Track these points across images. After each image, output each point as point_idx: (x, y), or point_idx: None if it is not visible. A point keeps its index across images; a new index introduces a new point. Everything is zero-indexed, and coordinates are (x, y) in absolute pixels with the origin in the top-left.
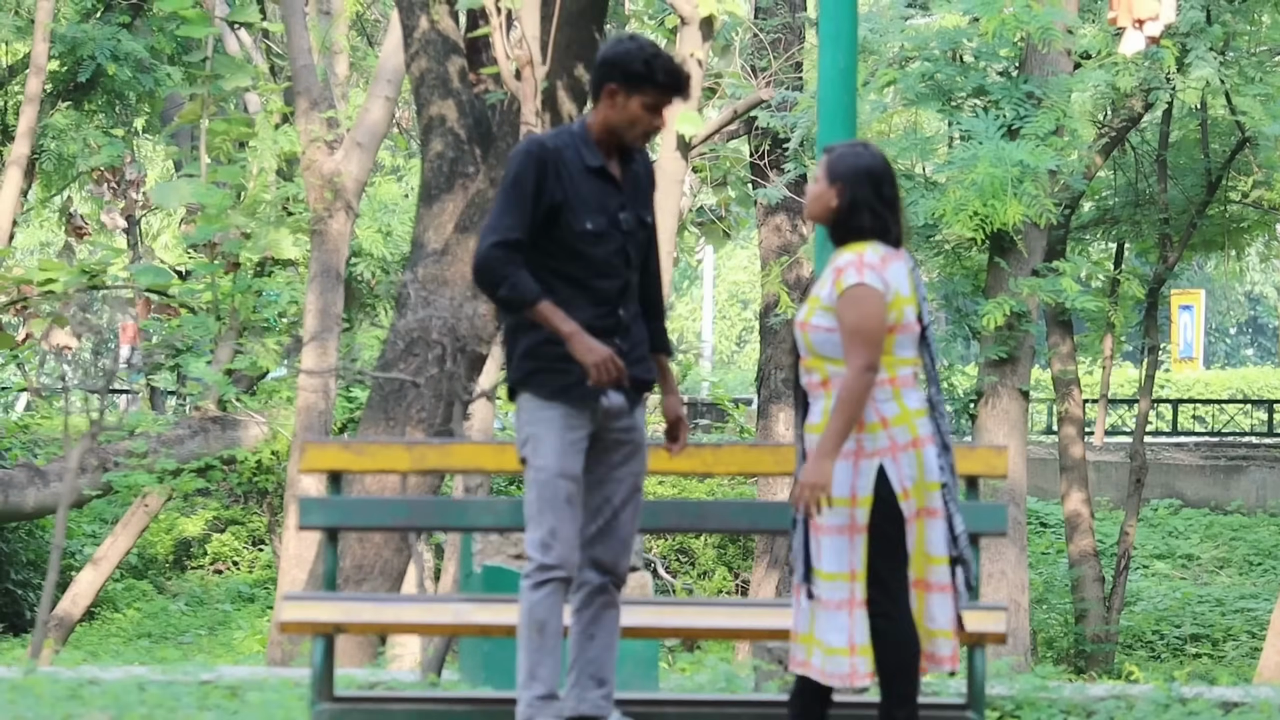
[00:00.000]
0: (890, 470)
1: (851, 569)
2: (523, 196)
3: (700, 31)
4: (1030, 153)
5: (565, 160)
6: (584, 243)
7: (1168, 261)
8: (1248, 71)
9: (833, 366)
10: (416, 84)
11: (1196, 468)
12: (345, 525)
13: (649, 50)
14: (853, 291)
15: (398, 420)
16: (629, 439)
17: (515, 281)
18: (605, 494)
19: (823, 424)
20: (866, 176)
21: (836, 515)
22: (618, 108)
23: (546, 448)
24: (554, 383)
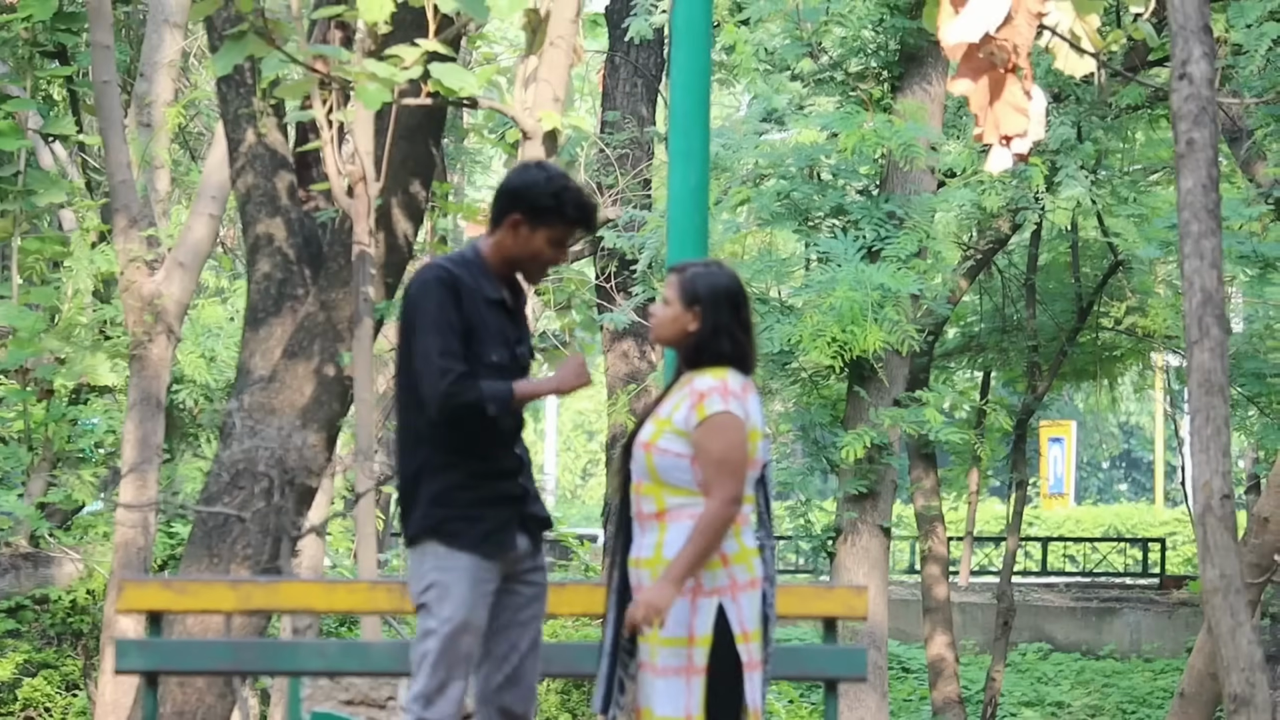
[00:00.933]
0: (730, 610)
1: (688, 714)
2: (450, 326)
3: (544, 146)
4: (891, 276)
5: (468, 289)
6: (489, 375)
7: (1036, 391)
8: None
9: (673, 496)
10: (242, 200)
11: (1067, 610)
12: (165, 669)
13: (558, 181)
14: (719, 419)
15: (222, 557)
16: (534, 580)
17: (488, 395)
18: (511, 640)
19: (655, 558)
20: (725, 299)
21: (673, 656)
22: (520, 240)
23: (455, 598)
24: (467, 532)
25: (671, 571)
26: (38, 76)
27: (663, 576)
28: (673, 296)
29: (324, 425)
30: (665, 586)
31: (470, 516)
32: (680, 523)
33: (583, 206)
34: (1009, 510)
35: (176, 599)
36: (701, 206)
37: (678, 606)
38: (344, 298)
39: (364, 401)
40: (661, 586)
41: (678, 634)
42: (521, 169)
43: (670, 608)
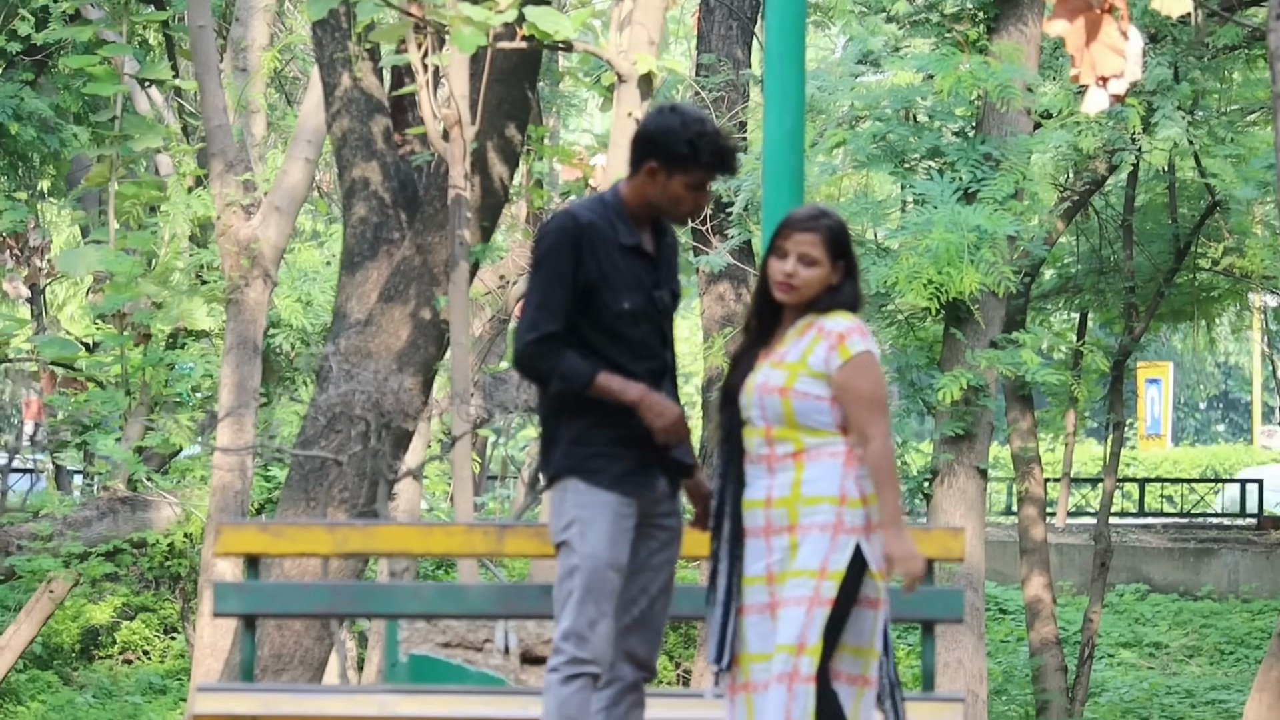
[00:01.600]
0: (865, 550)
1: (801, 642)
2: (560, 279)
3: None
4: (988, 217)
5: (601, 236)
6: (621, 323)
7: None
8: (1218, 132)
9: (810, 437)
10: (338, 145)
11: (1164, 551)
12: (263, 612)
13: (694, 127)
14: (863, 359)
15: (318, 500)
16: (669, 525)
17: (562, 371)
18: (641, 583)
19: (793, 496)
20: (851, 245)
21: (800, 586)
22: (657, 186)
23: (598, 534)
24: (608, 469)
25: (891, 520)
26: (134, 22)
27: (888, 532)
28: (820, 255)
29: (420, 369)
30: (900, 537)
31: (611, 454)
32: (819, 461)
33: (719, 151)
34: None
35: (274, 542)
36: (797, 149)
37: (817, 540)
38: (439, 241)
39: (459, 345)
40: (898, 540)
41: (810, 566)
42: (658, 114)
43: (917, 552)
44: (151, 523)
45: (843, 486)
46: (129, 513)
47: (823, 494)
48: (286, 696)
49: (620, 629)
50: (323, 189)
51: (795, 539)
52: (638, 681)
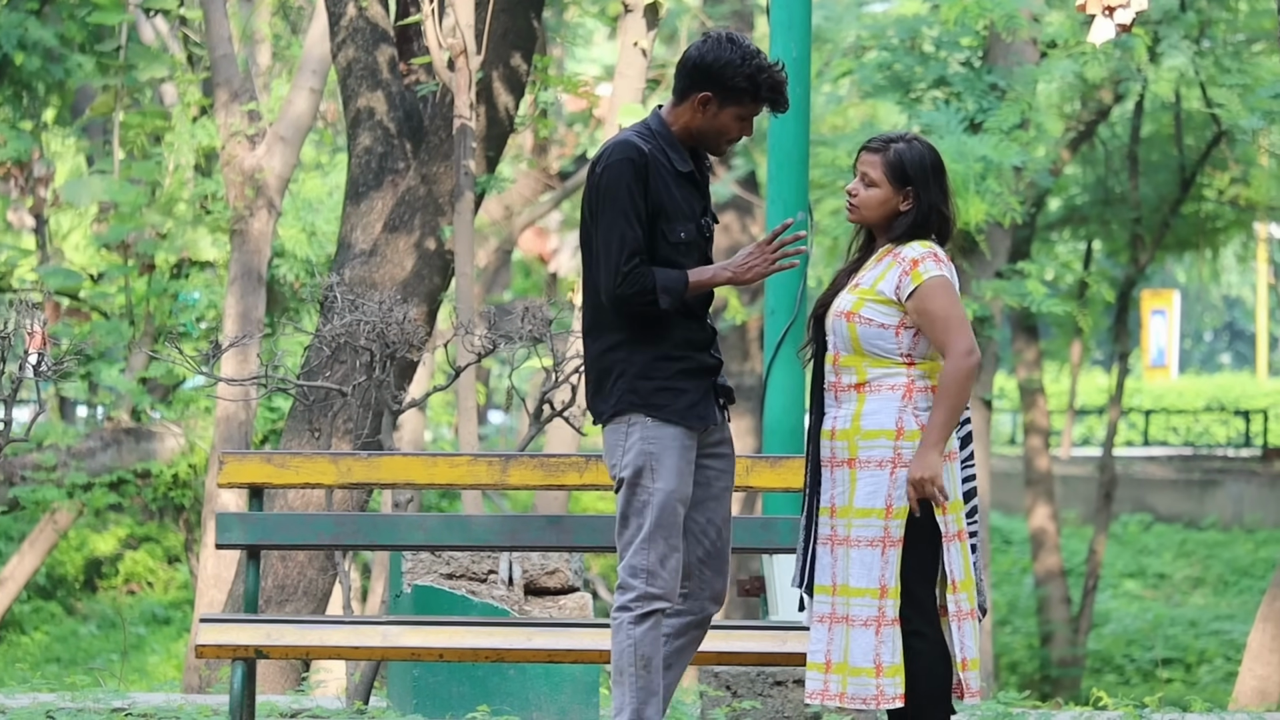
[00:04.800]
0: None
1: (882, 585)
2: (634, 212)
3: (645, 19)
4: (994, 147)
5: (658, 166)
6: (677, 253)
7: (1139, 263)
8: (1224, 62)
9: (874, 367)
10: (343, 75)
11: (1169, 481)
12: (267, 543)
13: (753, 62)
14: (935, 281)
15: (323, 431)
16: (723, 453)
17: (662, 286)
18: (707, 514)
19: (853, 429)
20: (934, 175)
21: (868, 528)
22: (708, 117)
23: (668, 469)
24: (673, 404)
25: (929, 438)
26: None
27: (921, 444)
28: (879, 177)
29: (425, 299)
30: (926, 454)
31: (676, 389)
32: (880, 394)
33: (777, 87)
34: (1111, 382)
35: (278, 473)
36: (804, 78)
37: (875, 478)
38: (445, 171)
39: (464, 275)
40: (922, 456)
41: (875, 505)
42: (715, 44)
43: (938, 473)
44: (155, 453)
45: (900, 420)
46: (133, 443)
47: (881, 428)
48: (290, 628)
49: (695, 562)
50: (328, 119)
51: (854, 474)
52: (707, 617)
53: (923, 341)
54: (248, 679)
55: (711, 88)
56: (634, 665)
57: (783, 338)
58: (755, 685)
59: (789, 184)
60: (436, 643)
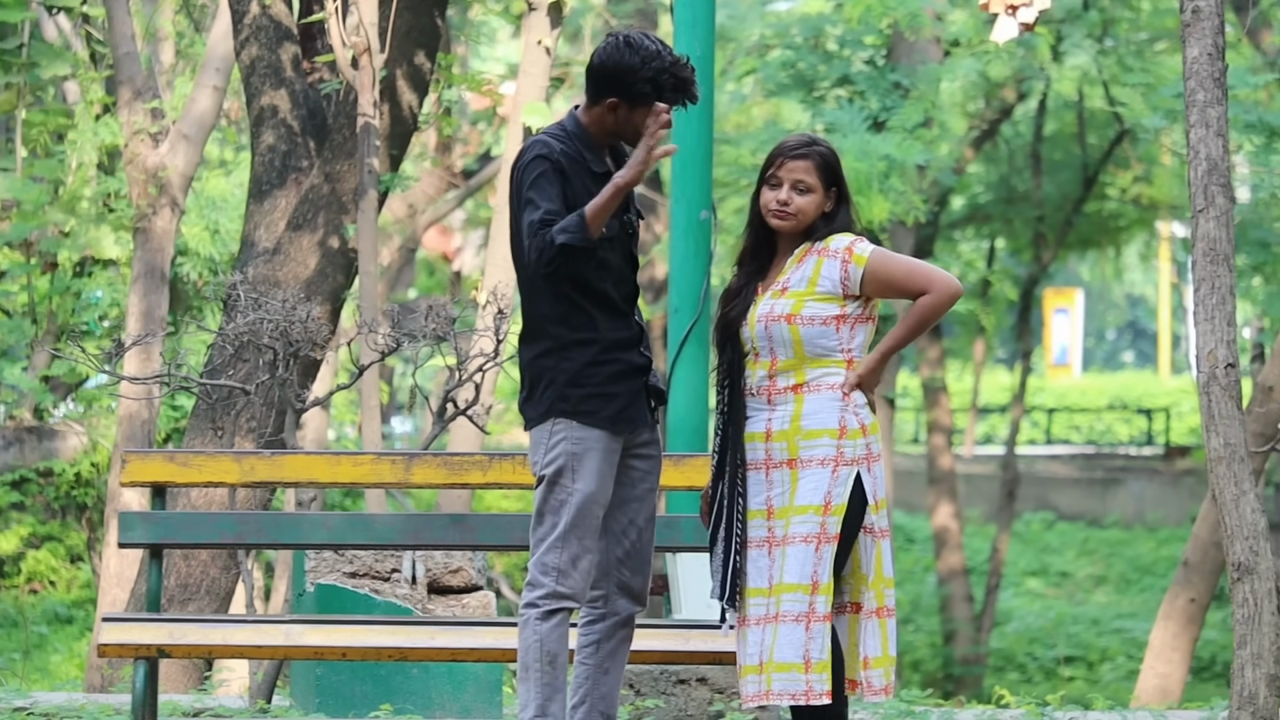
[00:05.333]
0: (866, 480)
1: (814, 580)
2: (554, 194)
3: (549, 18)
4: (897, 146)
5: (574, 165)
6: (601, 250)
7: (1042, 261)
8: (1127, 60)
9: (813, 368)
10: (247, 73)
11: (1072, 480)
12: (169, 542)
13: (653, 65)
14: (877, 253)
15: (226, 430)
16: (649, 454)
17: (564, 230)
18: (629, 515)
19: (794, 429)
20: (843, 174)
21: (805, 524)
22: (620, 120)
23: (588, 470)
24: (602, 409)
25: (883, 345)
26: None
27: (874, 354)
28: (814, 182)
29: (328, 297)
30: (875, 364)
31: (605, 394)
32: (819, 394)
33: (680, 85)
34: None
35: (180, 472)
36: (707, 77)
37: (818, 475)
38: (348, 170)
39: (368, 274)
40: (873, 365)
41: (814, 502)
42: (614, 50)
43: (877, 377)
44: (58, 452)
45: (842, 419)
46: (35, 442)
47: (823, 427)
48: (192, 627)
49: (614, 562)
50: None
51: (795, 474)
52: (631, 616)
53: (860, 335)
54: (150, 678)
55: (617, 93)
56: (540, 661)
57: (686, 336)
58: (659, 684)
59: (692, 182)
60: (339, 641)
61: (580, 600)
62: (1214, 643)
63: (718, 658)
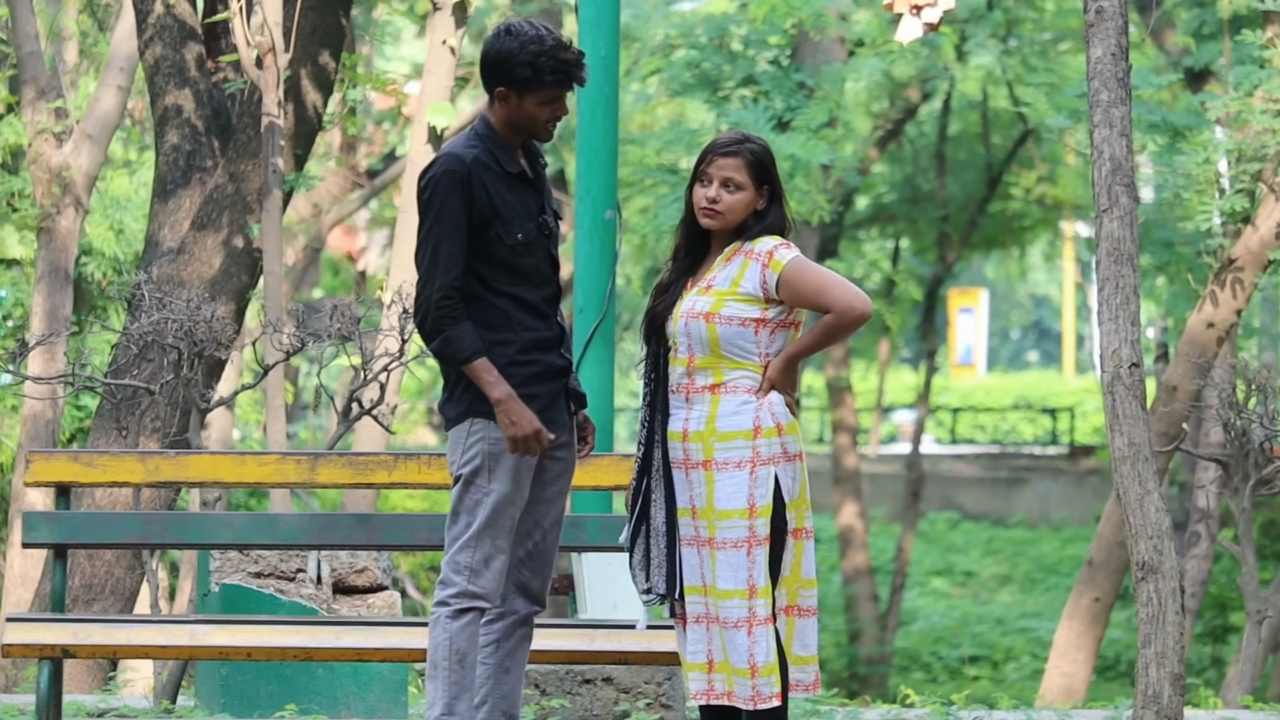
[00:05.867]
0: (782, 479)
1: (750, 585)
2: (454, 227)
3: (453, 17)
4: (802, 146)
5: (487, 171)
6: (516, 255)
7: (946, 261)
8: (1031, 60)
9: (731, 369)
10: (151, 72)
11: (977, 479)
12: (74, 542)
13: (531, 48)
14: (795, 262)
15: (131, 430)
16: (562, 456)
17: (450, 337)
18: (535, 517)
19: (709, 431)
20: (776, 169)
21: (732, 529)
22: (512, 109)
23: (505, 471)
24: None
25: (790, 350)
26: None
27: (785, 354)
28: (744, 180)
29: (233, 297)
30: (787, 360)
31: (525, 395)
32: (735, 395)
33: (561, 67)
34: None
35: (85, 472)
36: (612, 77)
37: (736, 478)
38: (253, 169)
39: (273, 274)
40: (784, 362)
41: (738, 506)
42: (495, 38)
43: (789, 378)
44: None
45: (756, 418)
46: None
47: (738, 429)
48: (97, 627)
49: (514, 562)
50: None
51: (711, 475)
52: (530, 615)
53: (779, 340)
54: (54, 678)
55: (503, 81)
56: (449, 660)
57: (591, 336)
58: (564, 684)
59: (597, 182)
60: (244, 641)
61: (492, 600)
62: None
63: (623, 657)
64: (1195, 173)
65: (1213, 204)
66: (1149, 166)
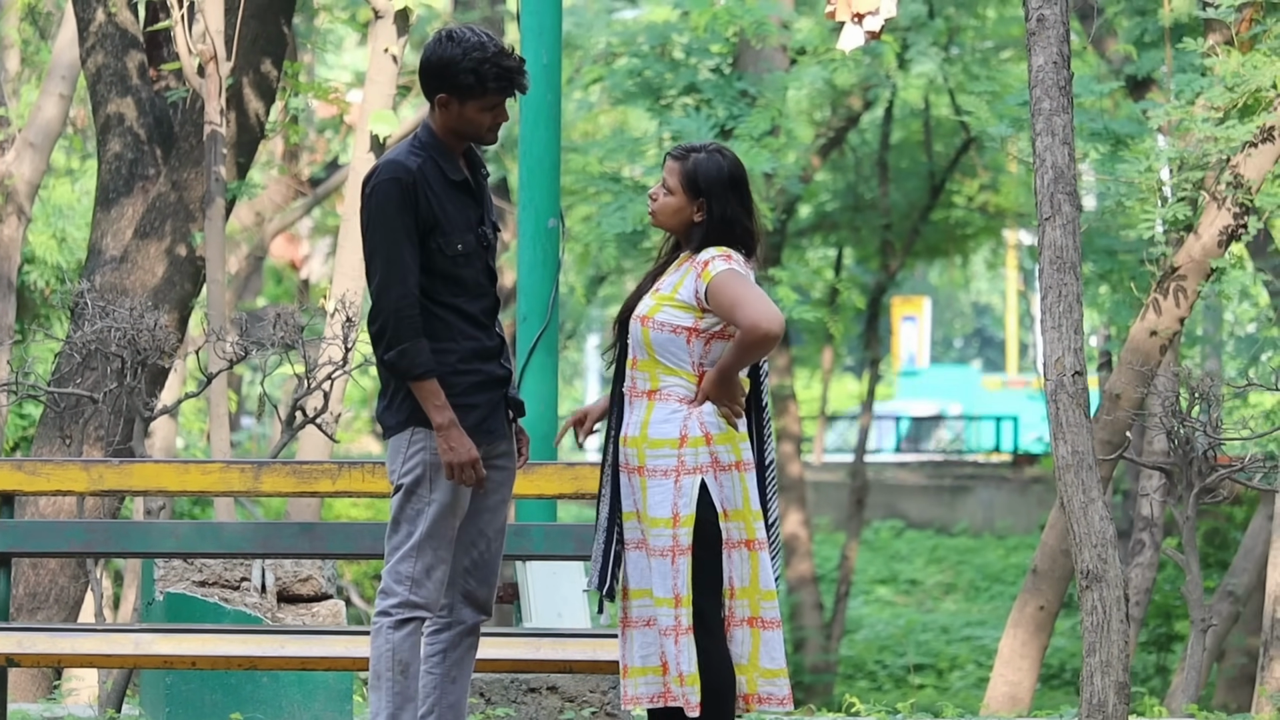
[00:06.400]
0: (712, 488)
1: (675, 594)
2: (405, 233)
3: (395, 26)
4: (745, 154)
5: (429, 179)
6: (455, 265)
7: (889, 269)
8: (972, 69)
9: (666, 375)
10: (93, 80)
11: (920, 487)
12: (17, 551)
13: (474, 55)
14: (726, 274)
15: (74, 438)
16: (503, 465)
17: (409, 350)
18: (479, 526)
19: (641, 437)
20: (730, 187)
21: (660, 537)
22: (453, 116)
23: (447, 481)
24: (464, 420)
25: (719, 363)
26: None
27: (713, 369)
28: (675, 185)
29: (176, 305)
30: (717, 374)
31: (465, 405)
32: (668, 403)
33: (504, 74)
34: (862, 388)
35: (28, 480)
36: (554, 85)
37: (661, 487)
38: (196, 177)
39: (216, 282)
40: (714, 375)
41: (663, 515)
42: (436, 44)
43: (722, 391)
44: None
45: (684, 427)
46: None
47: (665, 437)
48: (42, 636)
49: (460, 571)
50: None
51: (644, 481)
52: (476, 625)
53: (714, 352)
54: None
55: (444, 88)
56: (391, 670)
57: (535, 344)
58: (509, 692)
59: (540, 190)
60: (189, 650)
61: (433, 610)
62: (1063, 650)
63: (568, 666)
64: (1137, 181)
65: (1155, 212)
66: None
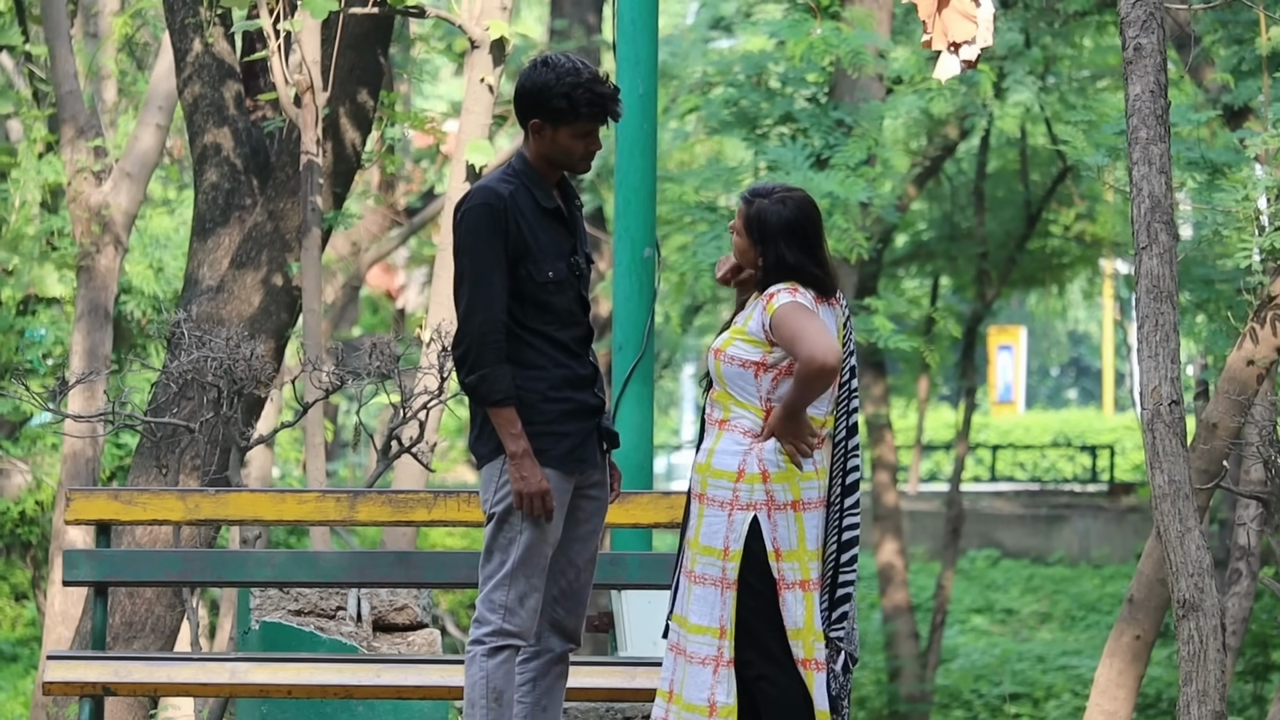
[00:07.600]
0: (764, 526)
1: (720, 625)
2: (495, 262)
3: (491, 56)
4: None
5: (522, 206)
6: (547, 293)
7: (985, 298)
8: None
9: (736, 406)
10: (189, 111)
11: (1016, 516)
12: (114, 580)
13: (568, 80)
14: (787, 306)
15: (170, 468)
16: (596, 496)
17: (489, 375)
18: (569, 555)
19: (706, 464)
20: (789, 233)
21: (709, 566)
22: (546, 142)
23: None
24: (553, 449)
25: (785, 399)
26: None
27: (779, 406)
28: (740, 227)
29: (272, 335)
30: (781, 414)
31: (556, 433)
32: (734, 434)
33: (597, 100)
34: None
35: (125, 510)
36: (650, 115)
37: (715, 517)
38: (292, 207)
39: (312, 311)
40: (778, 415)
41: (714, 545)
42: (532, 70)
43: (787, 427)
44: (2, 490)
45: (743, 462)
46: None
47: (725, 468)
48: (138, 665)
49: (549, 600)
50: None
51: (702, 509)
52: (565, 653)
53: (782, 387)
54: (96, 716)
55: (538, 114)
56: (486, 698)
57: (630, 374)
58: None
59: (636, 220)
60: (285, 679)
61: (527, 638)
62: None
63: None
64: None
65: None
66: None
